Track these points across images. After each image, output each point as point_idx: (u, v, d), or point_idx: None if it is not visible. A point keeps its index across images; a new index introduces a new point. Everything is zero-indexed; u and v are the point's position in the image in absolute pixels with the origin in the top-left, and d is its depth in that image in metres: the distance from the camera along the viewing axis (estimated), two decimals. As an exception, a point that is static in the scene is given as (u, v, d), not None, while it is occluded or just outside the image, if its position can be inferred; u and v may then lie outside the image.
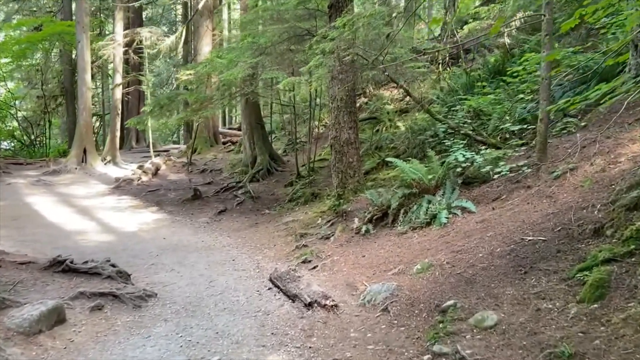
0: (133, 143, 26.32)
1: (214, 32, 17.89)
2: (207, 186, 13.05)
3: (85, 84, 16.26)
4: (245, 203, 11.15)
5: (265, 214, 9.98)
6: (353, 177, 8.18)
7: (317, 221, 8.02)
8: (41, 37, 19.22)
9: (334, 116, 8.14)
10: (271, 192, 11.98)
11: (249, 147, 13.58)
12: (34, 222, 9.07)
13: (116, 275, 5.20)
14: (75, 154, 16.43)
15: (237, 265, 6.57)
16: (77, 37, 15.96)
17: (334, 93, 8.06)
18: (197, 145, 19.01)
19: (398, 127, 13.35)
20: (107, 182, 13.85)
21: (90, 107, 16.60)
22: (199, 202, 11.30)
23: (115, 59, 17.37)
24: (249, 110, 13.44)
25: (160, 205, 11.12)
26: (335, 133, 8.17)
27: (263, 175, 13.02)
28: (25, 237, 7.85)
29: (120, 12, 17.66)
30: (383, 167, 10.55)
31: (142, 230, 8.78)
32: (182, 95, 10.38)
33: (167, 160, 16.44)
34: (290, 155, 15.58)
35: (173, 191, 12.56)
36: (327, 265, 6.09)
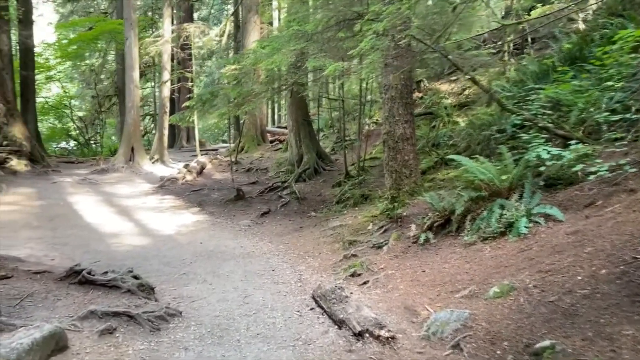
0: (183, 142, 26.34)
1: (262, 27, 17.31)
2: (251, 186, 12.43)
3: (133, 82, 16.08)
4: (290, 204, 10.41)
5: (311, 217, 9.18)
6: (409, 178, 7.22)
7: (368, 227, 7.13)
8: (92, 35, 19.37)
9: (387, 108, 7.22)
10: (318, 192, 11.19)
11: (295, 145, 12.85)
12: (70, 222, 8.69)
13: (137, 289, 4.53)
14: (123, 152, 16.30)
15: (276, 277, 5.79)
16: (125, 33, 15.80)
17: (387, 82, 7.14)
18: (245, 144, 18.55)
19: (457, 123, 12.24)
20: (152, 181, 13.52)
21: (138, 105, 16.41)
22: (242, 202, 10.66)
23: (164, 57, 17.11)
24: (295, 106, 12.70)
25: (202, 205, 10.57)
26: (389, 127, 7.25)
27: (309, 175, 12.25)
28: (58, 240, 7.42)
29: (169, 9, 17.40)
30: (442, 167, 9.53)
31: (179, 234, 8.19)
32: (225, 89, 9.74)
33: (212, 159, 16.01)
34: (339, 153, 14.73)
35: (216, 191, 12.02)
36: (380, 281, 5.19)
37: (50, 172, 14.40)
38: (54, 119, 26.76)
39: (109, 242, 7.45)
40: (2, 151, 13.19)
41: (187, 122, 10.60)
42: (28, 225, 8.33)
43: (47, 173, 14.13)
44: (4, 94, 13.95)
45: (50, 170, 14.54)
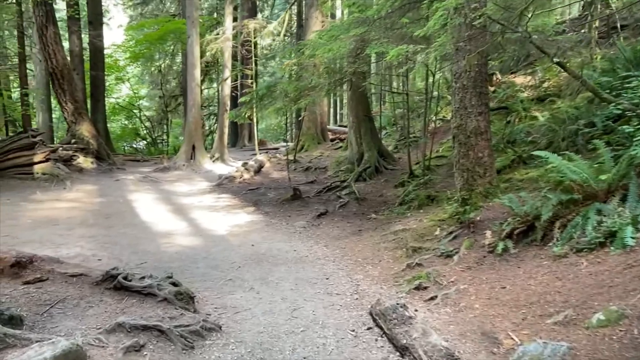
0: (245, 141, 26.42)
1: (323, 21, 16.79)
2: (309, 185, 11.91)
3: (194, 80, 16.07)
4: (349, 205, 9.78)
5: (371, 220, 8.50)
6: (483, 177, 6.37)
7: (435, 232, 6.35)
8: (157, 35, 19.68)
9: (458, 99, 6.40)
10: (379, 193, 10.47)
11: (355, 143, 12.20)
12: (125, 221, 8.53)
13: (174, 298, 4.07)
14: (184, 150, 16.35)
15: (330, 287, 5.18)
16: (188, 31, 15.80)
17: (458, 69, 6.33)
18: (304, 143, 18.14)
19: (535, 118, 11.11)
20: (211, 180, 13.36)
21: (199, 104, 16.40)
22: (299, 202, 10.15)
23: (225, 55, 17.02)
24: (355, 101, 12.05)
25: (257, 205, 10.16)
26: (460, 120, 6.42)
27: (370, 174, 11.55)
28: (109, 238, 7.22)
29: (230, 6, 17.28)
30: (519, 166, 8.54)
31: (232, 234, 7.78)
32: (282, 84, 9.27)
33: (271, 157, 15.69)
34: (402, 151, 13.91)
35: (273, 190, 11.60)
36: (451, 297, 4.45)
37: (115, 169, 14.64)
38: (125, 119, 27.73)
39: (159, 242, 7.16)
40: (69, 149, 13.51)
41: (243, 119, 10.25)
42: (84, 222, 8.25)
43: (112, 170, 14.37)
44: (73, 93, 14.32)
45: (115, 168, 14.79)
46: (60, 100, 14.30)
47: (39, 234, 7.28)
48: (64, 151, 13.20)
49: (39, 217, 8.49)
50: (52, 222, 8.11)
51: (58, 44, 13.79)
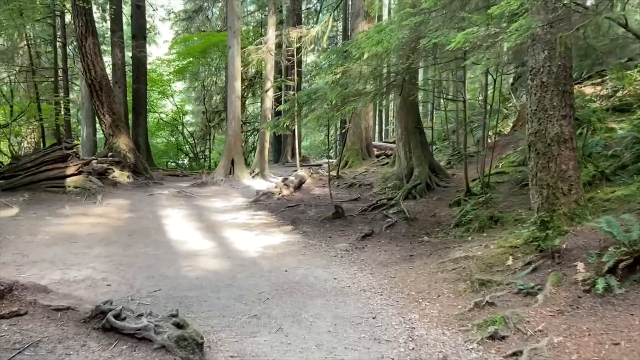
0: (288, 157, 25.71)
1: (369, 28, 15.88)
2: (353, 203, 10.87)
3: (235, 92, 15.48)
4: (397, 225, 8.67)
5: (424, 243, 7.36)
6: (567, 195, 5.16)
7: (507, 262, 5.16)
8: (200, 48, 19.37)
9: (536, 99, 5.26)
10: (431, 212, 9.31)
11: (404, 157, 11.09)
12: (149, 238, 7.77)
13: (175, 346, 3.13)
14: (223, 165, 15.72)
15: (378, 330, 4.11)
16: (229, 42, 15.28)
17: (535, 63, 5.20)
18: (349, 158, 17.15)
19: (613, 130, 9.74)
20: (248, 196, 12.56)
21: (239, 117, 15.77)
22: (341, 221, 9.13)
23: (267, 66, 16.39)
24: (405, 112, 10.99)
25: (295, 223, 9.22)
26: (538, 125, 5.26)
27: (421, 192, 10.39)
28: (127, 259, 6.43)
29: (273, 16, 16.70)
30: (602, 182, 7.23)
31: (264, 257, 6.84)
32: (323, 90, 8.36)
33: (313, 173, 14.78)
34: (456, 167, 12.69)
35: (314, 207, 10.63)
36: (542, 354, 3.29)
37: (151, 184, 14.12)
38: (169, 134, 27.69)
39: (180, 264, 6.30)
40: (104, 162, 13.09)
41: (282, 129, 9.37)
42: (105, 239, 7.53)
43: (148, 185, 13.84)
44: (111, 105, 13.99)
45: (151, 183, 14.27)
46: (98, 113, 13.99)
47: (52, 252, 6.59)
48: (98, 164, 12.77)
49: (59, 233, 7.86)
50: (71, 239, 7.43)
51: (97, 55, 13.51)
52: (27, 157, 11.58)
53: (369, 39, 5.65)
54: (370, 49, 5.53)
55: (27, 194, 10.89)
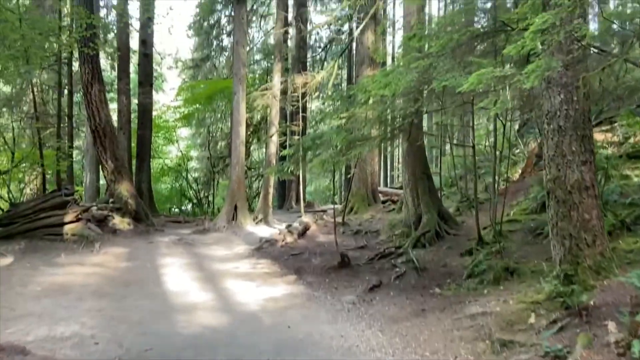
0: (293, 203, 25.37)
1: (373, 76, 15.94)
2: (359, 251, 10.47)
3: (239, 137, 15.39)
4: (406, 276, 8.25)
5: (436, 296, 6.93)
6: (592, 247, 4.81)
7: (529, 319, 4.74)
8: (206, 94, 19.51)
9: (553, 144, 4.99)
10: (442, 262, 8.90)
11: (411, 203, 10.77)
12: (144, 290, 7.38)
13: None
14: (225, 211, 15.42)
15: (391, 400, 3.67)
16: (234, 88, 15.32)
17: (551, 107, 4.97)
18: (354, 204, 16.84)
19: (628, 177, 9.45)
20: (251, 243, 12.17)
21: (243, 162, 15.63)
22: (347, 271, 8.72)
23: (272, 112, 16.38)
24: (412, 158, 10.75)
25: (299, 273, 8.81)
26: (557, 172, 4.97)
27: (430, 240, 10.01)
28: (119, 313, 6.04)
29: (279, 63, 16.86)
30: (622, 232, 6.85)
31: (265, 311, 6.42)
32: (328, 134, 8.16)
33: (317, 219, 14.42)
34: (465, 214, 12.32)
35: (319, 256, 10.23)
36: None
37: (152, 231, 13.78)
38: (173, 179, 27.56)
39: (176, 319, 5.90)
40: (104, 208, 12.83)
41: (286, 174, 9.14)
42: (98, 291, 7.15)
43: (149, 232, 13.50)
44: (114, 151, 13.87)
45: (153, 230, 13.93)
46: (101, 159, 13.85)
47: (41, 306, 6.22)
48: (98, 211, 12.51)
49: (51, 284, 7.49)
50: (63, 291, 7.06)
51: (102, 102, 13.52)
52: (26, 204, 11.34)
53: (375, 82, 5.47)
54: (377, 92, 5.34)
55: (24, 242, 10.57)
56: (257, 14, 28.68)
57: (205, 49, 26.75)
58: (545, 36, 3.80)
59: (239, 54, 15.05)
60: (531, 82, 3.66)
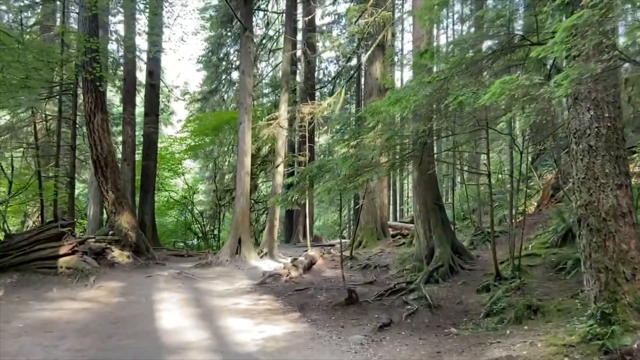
0: (300, 237, 24.80)
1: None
2: (367, 286, 9.86)
3: (244, 168, 15.02)
4: (418, 314, 7.62)
5: (452, 336, 6.30)
6: (632, 281, 4.23)
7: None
8: (212, 126, 19.33)
9: (583, 166, 4.48)
10: (457, 299, 8.26)
11: (423, 236, 10.19)
12: (133, 328, 6.81)
13: None
14: (229, 244, 14.89)
15: None
16: (240, 118, 15.06)
17: (580, 125, 4.49)
18: (362, 238, 16.25)
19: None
20: (254, 278, 11.59)
21: (248, 193, 15.18)
22: (355, 308, 8.09)
23: (278, 142, 16.05)
24: (423, 187, 10.24)
25: (303, 310, 8.20)
26: (588, 196, 4.44)
27: (443, 275, 9.39)
28: (101, 353, 5.48)
29: (286, 94, 16.64)
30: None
31: (264, 352, 5.81)
32: (334, 161, 7.73)
33: (324, 253, 13.86)
34: (480, 248, 11.70)
35: (325, 291, 9.62)
36: None
37: (152, 264, 13.23)
38: (178, 213, 27.15)
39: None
40: (102, 240, 12.36)
41: (291, 204, 8.66)
42: (83, 329, 6.59)
43: (149, 266, 12.95)
44: (115, 182, 13.51)
45: (153, 263, 13.38)
46: (101, 189, 13.48)
47: (19, 345, 5.68)
48: (96, 243, 12.05)
49: (36, 320, 6.95)
50: (46, 328, 6.52)
51: (105, 132, 13.25)
52: (21, 236, 10.90)
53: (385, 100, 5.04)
54: (387, 110, 4.90)
55: (17, 275, 10.11)
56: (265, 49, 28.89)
57: (213, 82, 26.82)
58: (575, 40, 3.36)
59: (245, 83, 14.86)
60: (563, 90, 3.20)
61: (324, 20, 28.32)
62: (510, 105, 4.22)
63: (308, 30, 21.83)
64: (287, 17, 18.57)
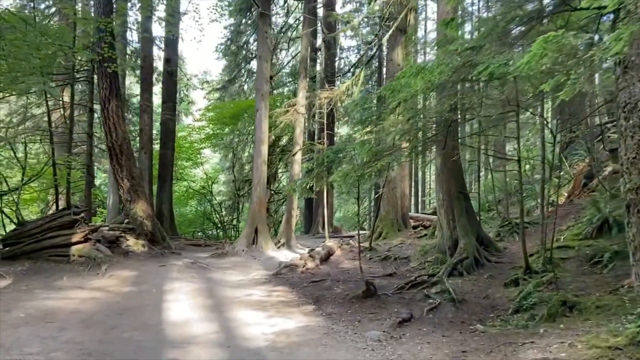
0: (319, 228, 24.35)
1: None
2: (387, 279, 9.39)
3: (261, 157, 14.63)
4: (441, 308, 7.12)
5: (478, 334, 5.79)
6: (692, 276, 3.65)
7: (609, 372, 3.60)
8: (230, 114, 18.99)
9: (633, 144, 3.91)
10: (483, 293, 7.73)
11: (446, 226, 9.65)
12: (140, 319, 6.49)
13: None
14: (245, 234, 14.57)
15: None
16: (256, 105, 14.66)
17: (631, 97, 3.91)
18: (383, 229, 15.74)
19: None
20: (270, 268, 11.22)
21: (264, 182, 14.79)
22: (373, 301, 7.63)
23: (296, 130, 15.60)
24: (447, 175, 9.68)
25: (318, 302, 7.78)
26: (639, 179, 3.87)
27: (468, 267, 8.85)
28: (100, 347, 5.15)
29: (304, 80, 16.15)
30: None
31: (274, 347, 5.41)
32: (352, 146, 7.25)
33: (342, 244, 13.40)
34: (507, 240, 11.08)
35: (342, 283, 9.19)
36: None
37: (167, 254, 12.97)
38: (197, 202, 27.01)
39: (166, 356, 4.96)
40: (117, 229, 12.14)
41: (306, 192, 8.25)
42: (88, 319, 6.29)
43: (164, 255, 12.70)
44: (130, 170, 13.26)
45: (168, 252, 13.12)
46: (117, 177, 13.26)
47: (16, 336, 5.39)
48: (110, 231, 11.83)
49: (39, 310, 6.69)
50: (48, 318, 6.23)
51: (120, 118, 13.00)
52: (33, 223, 10.74)
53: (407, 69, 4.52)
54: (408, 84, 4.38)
55: (28, 263, 9.95)
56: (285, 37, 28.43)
57: (232, 71, 26.49)
58: None
59: (262, 69, 14.43)
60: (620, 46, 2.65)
61: (345, 8, 27.71)
62: (550, 73, 3.66)
63: (327, 10, 21.25)
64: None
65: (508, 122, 8.94)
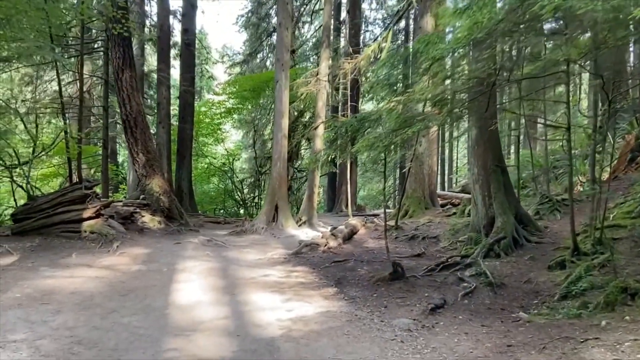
0: (343, 206, 23.68)
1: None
2: (415, 260, 8.67)
3: (281, 130, 13.93)
4: (477, 293, 6.40)
5: (522, 324, 5.04)
6: None
7: None
8: (250, 86, 18.29)
9: None
10: (524, 276, 6.94)
11: (481, 203, 8.81)
12: (144, 301, 5.94)
13: None
14: (265, 211, 13.99)
15: None
16: (276, 76, 13.89)
17: None
18: (409, 207, 14.93)
19: None
20: (289, 247, 10.61)
21: (285, 157, 14.11)
22: (401, 284, 6.92)
23: (318, 103, 14.81)
24: (482, 147, 8.79)
25: (340, 285, 7.12)
26: None
27: (506, 248, 8.04)
28: (94, 333, 4.59)
29: (327, 50, 15.28)
30: None
31: (289, 337, 4.77)
32: (378, 113, 6.46)
33: (366, 222, 12.68)
34: (547, 219, 10.17)
35: (366, 264, 8.51)
36: None
37: (185, 231, 12.49)
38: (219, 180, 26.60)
39: (164, 346, 4.36)
40: (130, 204, 11.68)
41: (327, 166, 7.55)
42: (85, 302, 5.75)
43: (181, 232, 12.22)
44: (146, 143, 12.75)
45: (185, 230, 12.64)
46: (131, 151, 12.77)
47: (5, 318, 4.87)
48: (124, 207, 11.37)
49: (37, 289, 6.19)
50: (45, 299, 5.72)
51: (134, 89, 12.44)
52: (44, 198, 10.32)
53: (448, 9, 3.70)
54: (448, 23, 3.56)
55: (39, 239, 9.57)
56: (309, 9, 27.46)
57: (254, 44, 25.72)
58: None
59: (282, 37, 13.61)
60: None
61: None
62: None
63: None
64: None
65: (549, 86, 7.98)
